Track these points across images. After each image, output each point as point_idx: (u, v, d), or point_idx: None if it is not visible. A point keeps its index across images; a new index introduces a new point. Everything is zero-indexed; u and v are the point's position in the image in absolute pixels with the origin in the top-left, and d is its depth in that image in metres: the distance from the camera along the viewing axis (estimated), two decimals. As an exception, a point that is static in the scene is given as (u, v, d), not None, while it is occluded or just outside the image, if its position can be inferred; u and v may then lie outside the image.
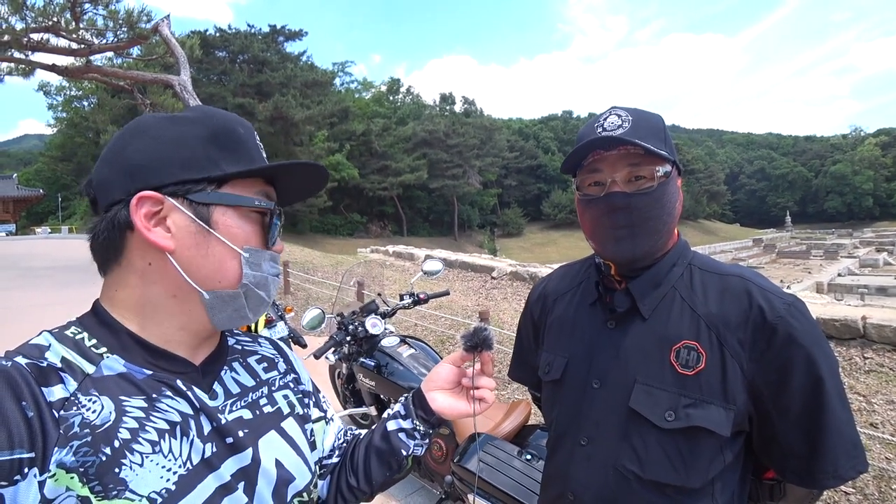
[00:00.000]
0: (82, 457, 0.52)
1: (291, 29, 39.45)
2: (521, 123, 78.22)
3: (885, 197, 73.01)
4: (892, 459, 2.93)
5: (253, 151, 0.67)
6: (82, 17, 10.56)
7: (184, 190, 0.61)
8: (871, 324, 4.44)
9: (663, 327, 0.88)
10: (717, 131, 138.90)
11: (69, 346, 0.58)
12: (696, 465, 0.83)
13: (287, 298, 8.84)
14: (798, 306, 0.83)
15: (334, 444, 0.87)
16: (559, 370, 0.99)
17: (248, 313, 0.66)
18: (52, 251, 16.90)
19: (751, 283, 0.87)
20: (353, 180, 39.92)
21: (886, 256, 30.87)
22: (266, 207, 0.66)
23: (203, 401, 0.64)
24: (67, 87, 35.11)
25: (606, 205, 0.87)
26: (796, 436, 0.81)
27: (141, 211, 0.59)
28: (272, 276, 0.68)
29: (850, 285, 19.95)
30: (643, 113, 0.89)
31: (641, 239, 0.87)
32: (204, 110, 0.67)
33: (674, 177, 0.89)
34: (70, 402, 0.54)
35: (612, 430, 0.89)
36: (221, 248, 0.63)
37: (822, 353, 0.81)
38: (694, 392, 0.83)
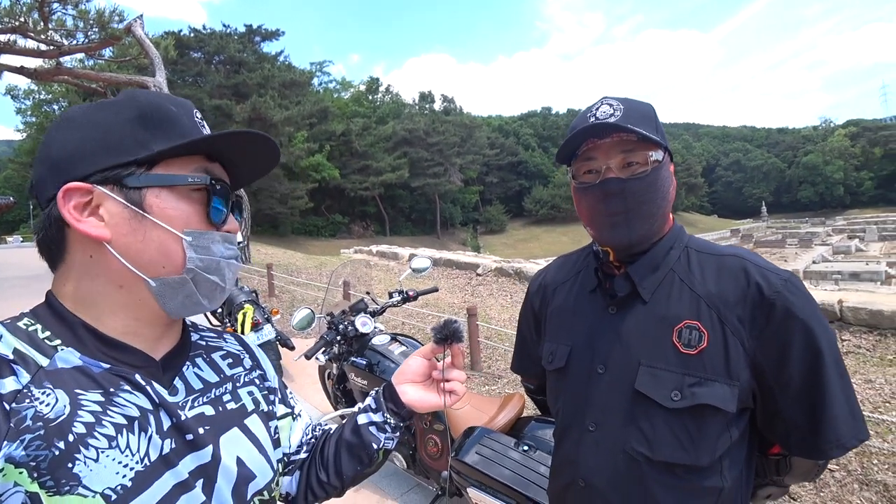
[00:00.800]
0: (34, 450, 0.50)
1: (268, 29, 38.96)
2: (501, 120, 78.50)
3: (855, 186, 75.11)
4: (873, 436, 3.02)
5: (188, 129, 0.63)
6: (51, 18, 10.24)
7: (112, 176, 0.59)
8: (848, 307, 4.58)
9: (664, 309, 0.90)
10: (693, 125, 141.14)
11: (22, 337, 0.57)
12: (704, 443, 0.85)
13: (272, 301, 8.76)
14: (794, 281, 0.86)
15: (302, 439, 0.87)
16: (563, 358, 1.00)
17: (202, 300, 0.64)
18: (25, 260, 16.42)
19: (747, 261, 0.89)
20: (333, 181, 39.64)
21: (858, 243, 31.77)
22: (201, 183, 0.63)
23: (162, 396, 0.62)
24: (37, 91, 34.13)
25: (602, 191, 0.89)
26: (799, 409, 0.83)
27: (69, 204, 0.58)
28: (225, 260, 0.65)
29: (825, 272, 20.48)
30: (634, 101, 0.91)
31: (637, 223, 0.89)
32: (132, 93, 0.64)
33: (666, 162, 0.92)
34: (22, 395, 0.52)
35: (618, 414, 0.90)
36: (160, 233, 0.60)
37: (820, 326, 0.83)
38: (698, 371, 0.85)
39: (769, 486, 1.01)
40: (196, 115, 0.66)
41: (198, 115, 0.66)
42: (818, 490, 2.65)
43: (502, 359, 5.00)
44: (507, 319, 6.17)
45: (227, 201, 0.66)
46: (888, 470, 2.71)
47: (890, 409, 3.28)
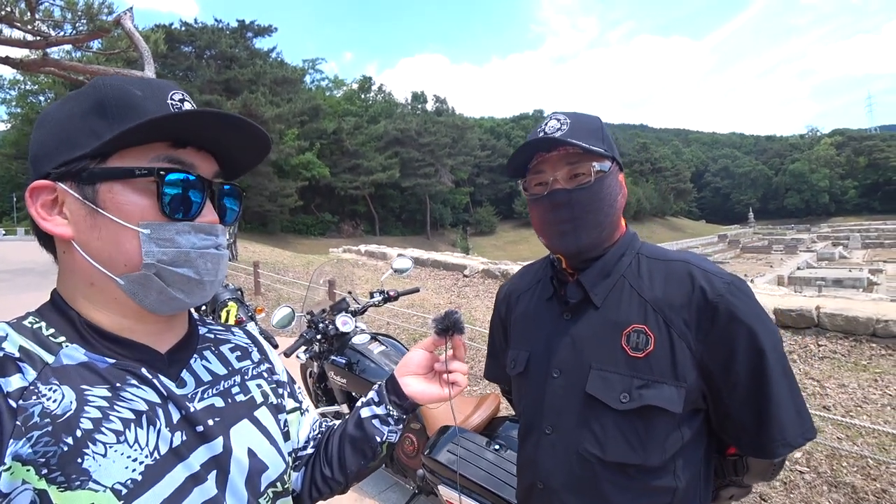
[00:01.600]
0: (42, 447, 0.50)
1: (260, 24, 38.67)
2: (493, 122, 78.68)
3: (839, 194, 76.37)
4: (843, 439, 3.09)
5: (153, 113, 0.58)
6: (38, 8, 10.09)
7: (69, 172, 0.57)
8: (825, 313, 4.67)
9: (614, 314, 0.93)
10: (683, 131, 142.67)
11: (27, 335, 0.57)
12: (652, 444, 0.87)
13: (258, 299, 8.70)
14: (738, 284, 0.88)
15: (309, 435, 0.86)
16: (522, 364, 1.03)
17: (177, 294, 0.61)
18: (8, 254, 16.17)
19: (693, 265, 0.92)
20: (324, 179, 39.44)
21: (842, 250, 32.29)
22: (147, 173, 0.58)
23: (170, 389, 0.62)
24: (22, 81, 33.61)
25: (550, 202, 0.93)
26: (746, 409, 0.86)
27: (36, 203, 0.58)
28: (199, 251, 0.61)
29: (809, 278, 20.82)
30: (581, 116, 0.96)
31: (584, 232, 0.92)
32: (99, 80, 0.61)
33: (613, 171, 0.95)
34: (29, 392, 0.52)
35: (572, 416, 0.93)
36: (115, 228, 0.57)
37: (763, 328, 0.85)
38: (645, 373, 0.87)
39: (730, 486, 1.03)
40: (173, 96, 0.61)
41: (175, 97, 0.62)
42: (788, 491, 2.70)
43: (483, 360, 5.02)
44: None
45: (198, 190, 0.62)
46: (857, 472, 2.77)
47: (861, 414, 3.35)
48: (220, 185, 0.68)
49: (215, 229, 0.64)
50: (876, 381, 3.74)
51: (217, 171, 0.67)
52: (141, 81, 0.62)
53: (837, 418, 3.13)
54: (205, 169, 0.64)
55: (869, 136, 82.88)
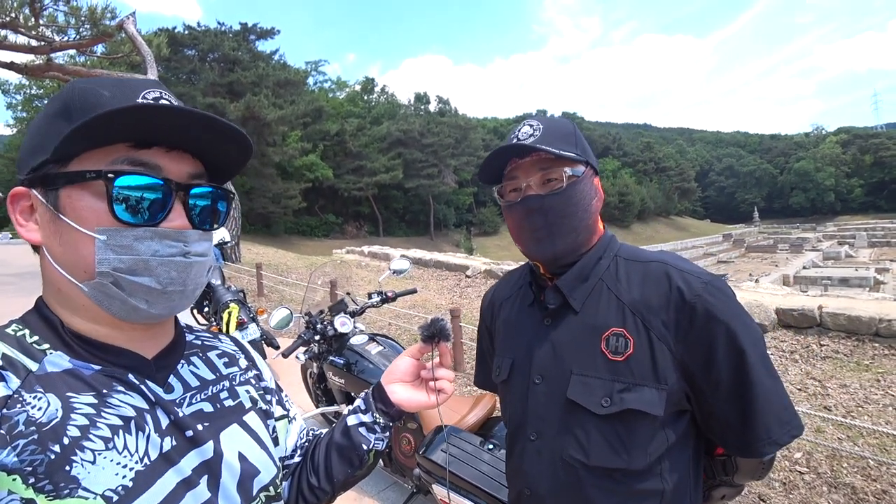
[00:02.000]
0: (29, 455, 0.50)
1: (263, 27, 38.76)
2: (497, 122, 78.56)
3: (845, 192, 75.81)
4: (843, 440, 3.07)
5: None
6: (42, 13, 10.19)
7: (36, 177, 0.57)
8: (827, 312, 4.64)
9: (593, 318, 0.92)
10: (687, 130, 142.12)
11: (10, 343, 0.56)
12: (636, 447, 0.86)
13: (260, 301, 8.73)
14: (716, 284, 0.88)
15: (297, 443, 0.85)
16: (506, 371, 1.03)
17: (139, 304, 0.58)
18: (15, 257, 16.27)
19: (670, 266, 0.91)
20: (327, 181, 39.47)
21: (848, 249, 32.09)
22: (96, 176, 0.55)
23: (158, 394, 0.61)
24: (27, 86, 33.80)
25: (523, 208, 0.93)
26: (729, 408, 0.85)
27: (17, 209, 0.59)
28: (161, 258, 0.58)
29: (815, 277, 20.69)
30: (554, 120, 0.96)
31: (559, 237, 0.92)
32: (71, 83, 0.60)
33: (587, 176, 0.95)
34: (13, 400, 0.52)
35: (555, 422, 0.93)
36: (73, 234, 0.56)
37: (742, 326, 0.85)
38: (626, 377, 0.87)
39: (721, 486, 1.03)
40: (145, 95, 0.58)
41: (148, 96, 0.58)
42: (787, 492, 2.69)
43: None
44: (493, 321, 6.18)
45: (162, 193, 0.58)
46: (857, 473, 2.76)
47: (862, 414, 3.33)
48: (196, 187, 0.62)
49: (183, 235, 0.60)
50: (878, 381, 3.72)
51: (194, 172, 0.63)
52: (115, 82, 0.60)
53: (838, 419, 3.12)
54: (175, 170, 0.60)
55: (875, 134, 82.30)
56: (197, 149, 0.62)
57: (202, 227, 0.63)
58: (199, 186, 0.63)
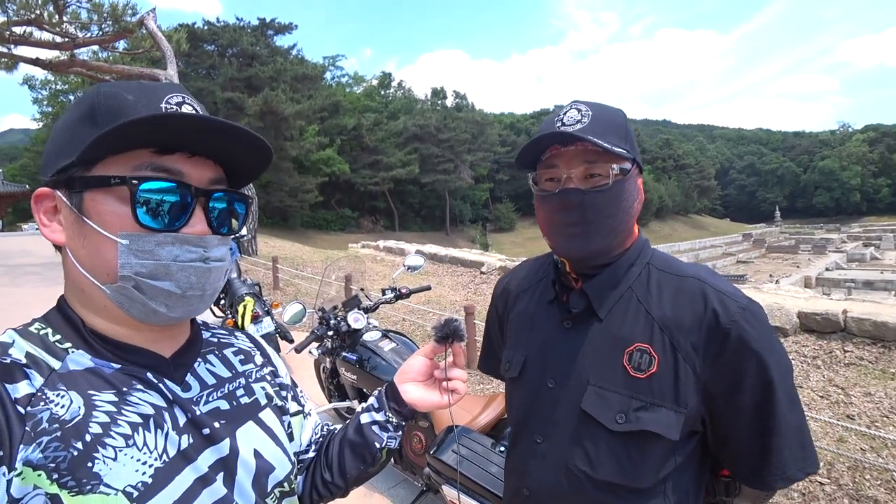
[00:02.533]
0: (52, 452, 0.51)
1: (281, 22, 39.10)
2: (513, 118, 78.13)
3: (871, 192, 73.86)
4: (867, 450, 2.98)
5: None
6: (66, 11, 10.39)
7: (61, 179, 0.58)
8: (852, 317, 4.51)
9: (618, 329, 0.88)
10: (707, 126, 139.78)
11: (34, 342, 0.58)
12: (645, 467, 0.84)
13: (276, 294, 8.81)
14: (752, 309, 0.83)
15: (311, 439, 0.87)
16: (517, 368, 1.00)
17: (158, 308, 0.59)
18: (40, 248, 16.67)
19: (707, 284, 0.86)
20: (344, 175, 39.72)
21: (873, 251, 31.28)
22: (121, 182, 0.56)
23: (176, 393, 0.63)
24: (53, 81, 34.57)
25: (560, 201, 0.87)
26: (747, 439, 0.83)
27: (40, 209, 0.60)
28: (181, 263, 0.59)
29: (838, 279, 20.21)
30: (604, 108, 0.88)
31: (595, 237, 0.86)
32: (96, 87, 0.61)
33: (633, 174, 0.88)
34: (37, 398, 0.53)
35: (565, 430, 0.90)
36: (96, 237, 0.57)
37: (775, 358, 0.81)
38: (645, 395, 0.83)
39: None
40: (170, 99, 0.60)
41: (172, 101, 0.60)
42: (807, 503, 2.62)
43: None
44: (507, 319, 6.14)
45: (183, 199, 0.59)
46: (880, 486, 2.67)
47: (887, 425, 3.23)
48: (217, 192, 0.63)
49: (203, 241, 0.61)
50: (904, 388, 3.60)
51: (214, 177, 0.64)
52: (140, 86, 0.61)
53: (862, 429, 3.02)
54: (196, 176, 0.61)
55: (904, 132, 79.90)
56: (217, 154, 0.63)
57: (220, 232, 0.64)
58: (219, 192, 0.64)
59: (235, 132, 0.59)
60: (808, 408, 3.53)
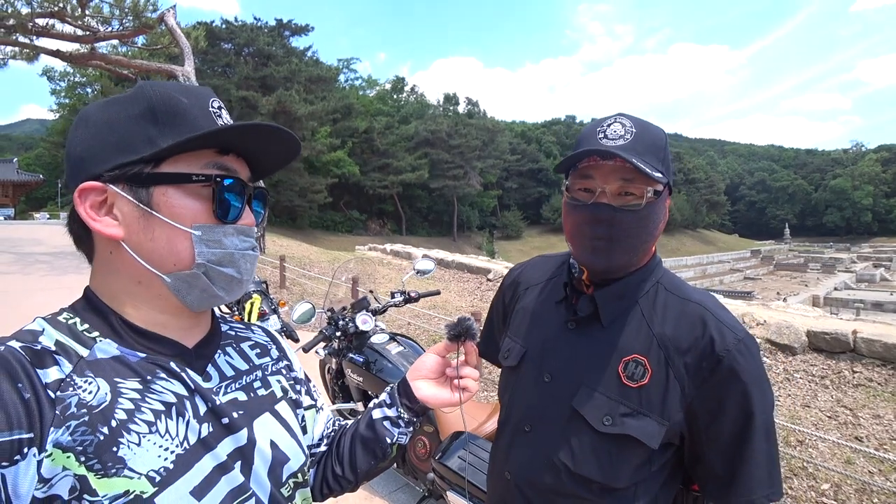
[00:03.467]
0: (80, 436, 0.53)
1: (297, 24, 39.35)
2: (524, 126, 78.19)
3: (883, 213, 73.18)
4: (875, 473, 2.94)
5: (200, 121, 0.62)
6: (88, 4, 10.54)
7: (122, 175, 0.60)
8: (862, 338, 4.46)
9: (618, 338, 0.92)
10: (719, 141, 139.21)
11: (63, 330, 0.60)
12: (622, 469, 0.88)
13: (282, 293, 8.85)
14: (747, 343, 0.87)
15: (323, 433, 0.89)
16: (516, 358, 1.03)
17: (219, 292, 0.65)
18: (51, 237, 16.85)
19: (710, 312, 0.90)
20: (353, 177, 39.85)
21: (884, 272, 30.95)
22: (206, 181, 0.62)
23: (197, 382, 0.65)
24: (71, 74, 35.14)
25: (591, 214, 0.88)
26: (720, 461, 0.87)
27: (85, 203, 0.61)
28: (240, 252, 0.66)
29: (847, 299, 20.01)
30: (648, 127, 0.89)
31: (618, 254, 0.89)
32: (143, 85, 0.64)
33: (664, 196, 0.90)
34: (66, 384, 0.55)
35: (553, 423, 0.94)
36: (168, 230, 0.61)
37: (759, 392, 0.85)
38: (633, 403, 0.88)
39: None
40: (213, 104, 0.65)
41: (214, 105, 0.65)
42: (813, 523, 2.58)
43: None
44: (512, 326, 6.13)
45: (239, 195, 0.66)
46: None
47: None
48: (253, 189, 0.70)
49: (252, 231, 0.68)
50: (914, 412, 3.56)
51: (249, 174, 0.70)
52: (183, 88, 0.64)
53: (870, 451, 2.98)
54: (242, 173, 0.68)
55: (918, 154, 79.13)
56: (257, 153, 0.69)
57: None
58: (256, 188, 0.71)
59: (286, 138, 0.67)
60: (815, 427, 3.50)
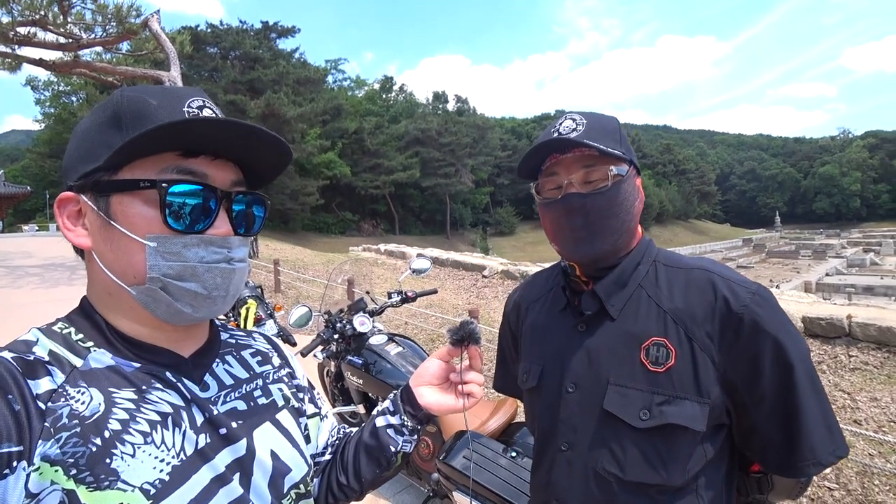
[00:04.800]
0: (71, 447, 0.51)
1: (284, 25, 39.16)
2: (514, 122, 78.26)
3: (871, 198, 74.03)
4: (875, 456, 2.96)
5: (164, 121, 0.57)
6: (70, 11, 10.42)
7: (87, 184, 0.59)
8: (856, 322, 4.50)
9: (632, 326, 0.88)
10: (708, 132, 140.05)
11: (57, 340, 0.59)
12: (674, 463, 0.83)
13: (277, 297, 8.80)
14: (763, 294, 0.84)
15: (327, 441, 0.87)
16: (535, 377, 0.99)
17: (184, 309, 0.60)
18: (41, 249, 16.68)
19: (714, 274, 0.88)
20: (345, 178, 39.73)
21: (873, 256, 31.29)
22: (150, 185, 0.57)
23: (194, 392, 0.63)
24: (55, 83, 34.71)
25: (564, 206, 0.89)
26: (773, 425, 0.82)
27: (63, 214, 0.61)
28: (206, 265, 0.60)
29: (838, 285, 20.20)
30: (597, 116, 0.91)
31: (600, 239, 0.88)
32: (119, 92, 0.61)
33: (630, 175, 0.91)
34: (58, 394, 0.54)
35: (589, 433, 0.89)
36: (125, 240, 0.58)
37: (790, 339, 0.81)
38: (666, 389, 0.83)
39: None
40: (190, 104, 0.60)
41: (193, 105, 0.60)
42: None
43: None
44: (510, 323, 6.13)
45: (207, 201, 0.60)
46: (889, 491, 2.65)
47: (894, 430, 3.22)
48: (238, 194, 0.65)
49: (227, 242, 0.62)
50: (911, 394, 3.59)
51: (236, 179, 0.65)
52: (162, 90, 0.61)
53: (869, 434, 3.01)
54: (220, 178, 0.62)
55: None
56: (238, 156, 0.64)
57: (241, 233, 0.66)
58: (241, 194, 0.66)
59: (257, 134, 0.60)
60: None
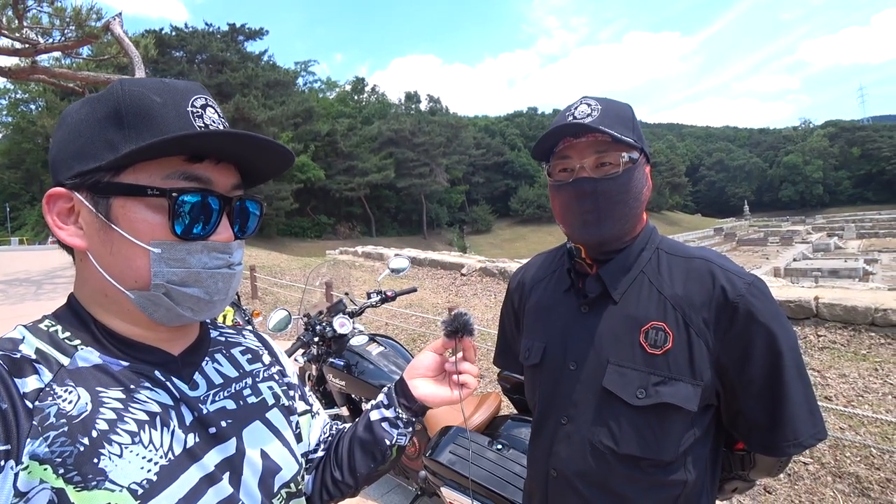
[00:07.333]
0: (59, 447, 0.50)
1: (251, 28, 38.62)
2: (487, 121, 78.61)
3: (833, 185, 76.77)
4: (845, 429, 3.08)
5: (171, 123, 0.56)
6: (26, 15, 10.03)
7: (84, 183, 0.56)
8: (823, 303, 4.66)
9: (633, 310, 0.93)
10: (677, 125, 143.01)
11: (43, 338, 0.57)
12: (667, 440, 0.88)
13: (255, 303, 8.66)
14: (758, 285, 0.89)
15: (320, 438, 0.87)
16: (538, 355, 1.03)
17: (184, 312, 0.60)
18: (2, 265, 16.04)
19: (714, 264, 0.92)
20: (319, 181, 39.34)
21: (837, 240, 32.45)
22: (160, 193, 0.56)
23: (183, 391, 0.62)
24: (12, 90, 33.46)
25: (574, 190, 0.92)
26: (759, 408, 0.87)
27: (53, 210, 0.58)
28: (209, 271, 0.60)
29: (805, 269, 20.88)
30: (612, 102, 0.94)
31: (608, 223, 0.91)
32: (118, 85, 0.58)
33: (641, 163, 0.94)
34: (45, 393, 0.53)
35: (588, 409, 0.94)
36: (126, 245, 0.56)
37: (781, 329, 0.86)
38: (663, 370, 0.88)
39: (735, 480, 1.05)
40: (194, 102, 0.59)
41: (196, 103, 0.59)
42: (792, 483, 2.69)
43: (485, 358, 4.99)
44: (490, 319, 6.17)
45: (211, 208, 0.60)
46: (860, 462, 2.76)
47: (862, 403, 3.35)
48: (238, 199, 0.64)
49: (229, 247, 0.62)
50: (876, 370, 3.74)
51: (236, 182, 0.64)
52: (161, 84, 0.59)
53: (839, 408, 3.12)
54: (222, 182, 0.62)
55: (861, 127, 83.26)
56: (240, 160, 0.64)
57: (239, 236, 0.66)
58: (242, 199, 0.65)
59: (267, 144, 0.60)
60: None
